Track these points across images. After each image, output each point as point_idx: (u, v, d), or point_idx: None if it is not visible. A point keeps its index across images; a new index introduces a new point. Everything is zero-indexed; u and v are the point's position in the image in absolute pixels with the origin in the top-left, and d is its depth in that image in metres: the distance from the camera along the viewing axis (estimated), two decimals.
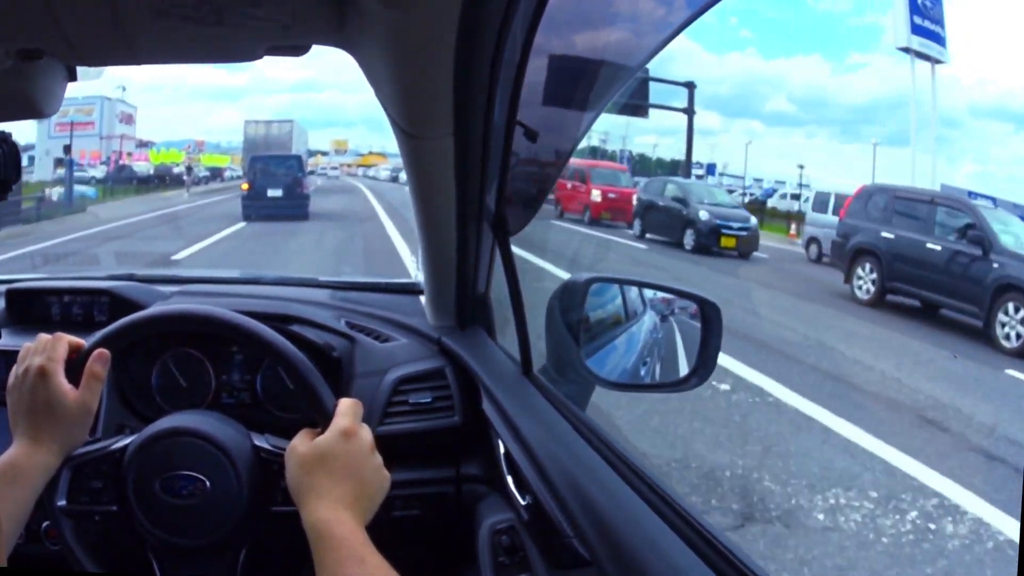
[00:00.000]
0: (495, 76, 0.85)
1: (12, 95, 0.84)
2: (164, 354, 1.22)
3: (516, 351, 1.12)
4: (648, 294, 1.32)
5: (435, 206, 1.08)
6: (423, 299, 1.35)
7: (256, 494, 0.87)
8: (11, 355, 0.88)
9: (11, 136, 0.76)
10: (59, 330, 0.86)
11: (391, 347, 1.26)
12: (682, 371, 1.09)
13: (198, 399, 1.22)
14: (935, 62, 11.52)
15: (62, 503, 0.87)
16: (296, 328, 1.21)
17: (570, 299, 1.08)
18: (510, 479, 1.00)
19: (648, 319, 1.31)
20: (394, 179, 23.44)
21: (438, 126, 0.90)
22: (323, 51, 0.86)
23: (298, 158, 14.86)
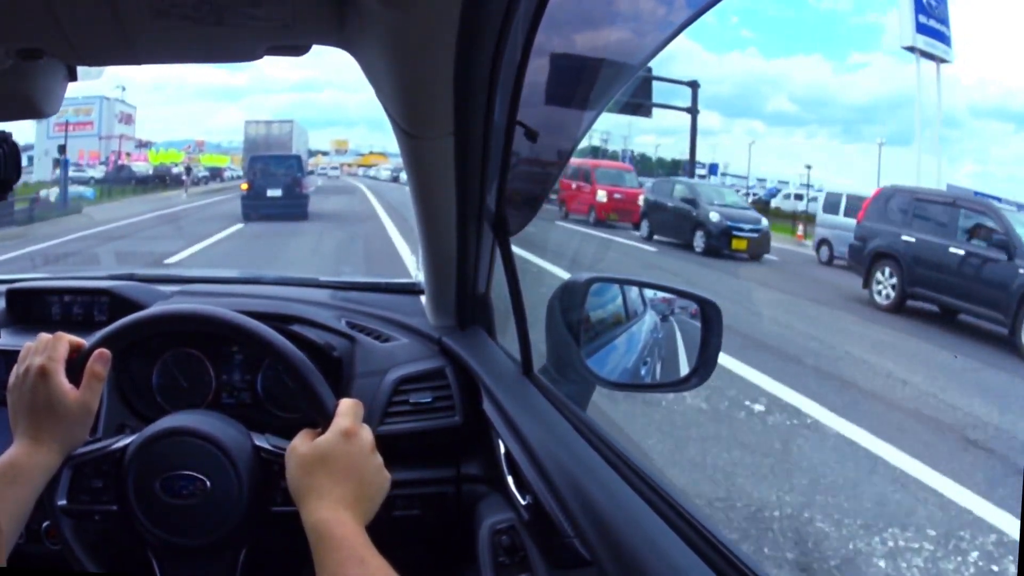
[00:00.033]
0: (495, 76, 0.85)
1: (12, 95, 0.84)
2: (164, 354, 1.22)
3: (516, 351, 1.12)
4: (648, 294, 1.32)
5: (435, 206, 1.08)
6: (423, 299, 1.35)
7: (256, 494, 0.87)
8: (11, 355, 0.88)
9: (11, 136, 0.76)
10: (59, 330, 0.86)
11: (391, 347, 1.26)
12: (683, 371, 1.10)
13: (198, 399, 1.22)
14: (940, 61, 11.42)
15: (62, 502, 0.87)
16: (296, 328, 1.21)
17: (570, 299, 1.08)
18: (510, 479, 1.00)
19: (648, 319, 1.31)
20: (395, 179, 23.44)
21: (438, 126, 0.90)
22: (323, 51, 0.86)
23: (297, 158, 14.88)
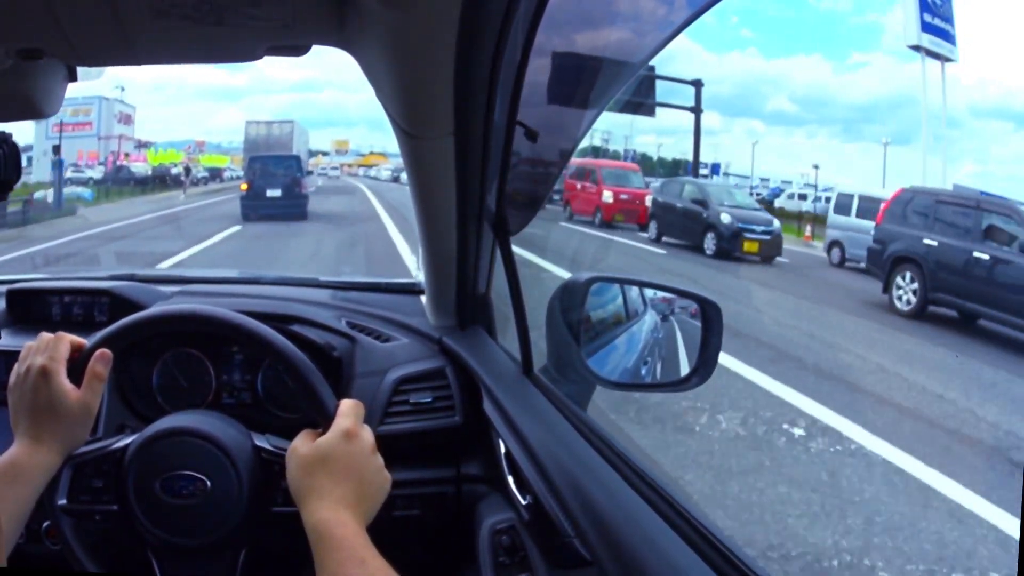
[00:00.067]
0: (495, 76, 0.85)
1: (12, 95, 0.84)
2: (165, 354, 1.22)
3: (517, 351, 1.12)
4: (648, 293, 1.32)
5: (435, 206, 1.08)
6: (424, 299, 1.35)
7: (257, 494, 0.87)
8: (12, 355, 0.88)
9: (11, 136, 0.76)
10: (60, 330, 0.86)
11: (392, 347, 1.26)
12: (683, 371, 1.09)
13: (199, 399, 1.22)
14: (945, 60, 11.28)
15: (63, 502, 0.87)
16: (297, 328, 1.21)
17: (571, 299, 1.08)
18: (511, 479, 1.00)
19: (649, 319, 1.31)
20: (395, 179, 23.44)
21: (438, 126, 0.90)
22: (323, 51, 0.86)
23: (297, 158, 14.89)
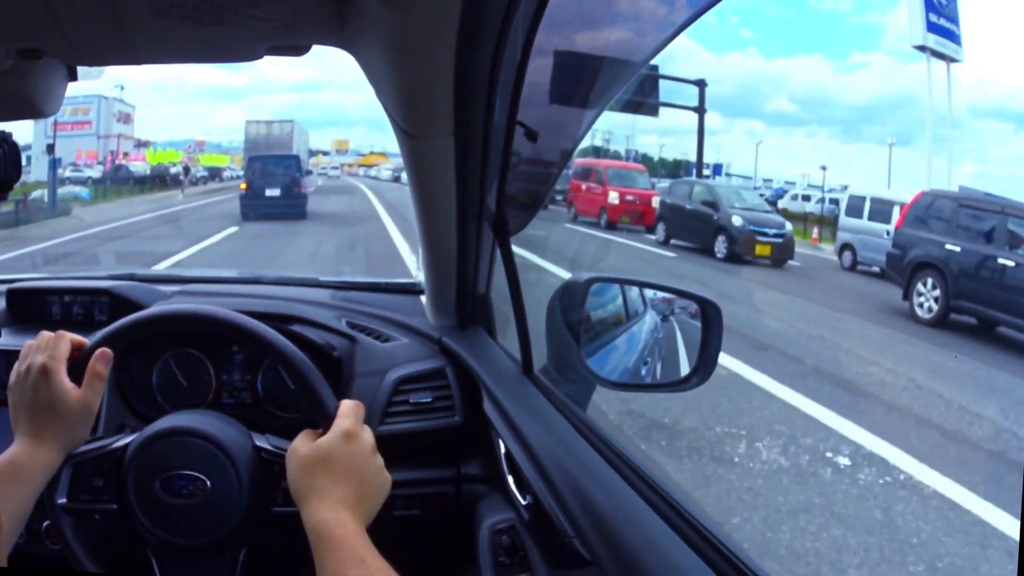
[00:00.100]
0: (495, 76, 0.85)
1: (12, 95, 0.84)
2: (165, 354, 1.22)
3: (517, 351, 1.12)
4: (648, 294, 1.32)
5: (435, 206, 1.08)
6: (424, 299, 1.35)
7: (257, 495, 0.87)
8: (12, 355, 0.88)
9: (11, 136, 0.76)
10: (60, 329, 0.86)
11: (392, 347, 1.26)
12: (683, 371, 1.09)
13: (198, 399, 1.22)
14: (950, 61, 11.16)
15: (62, 501, 0.87)
16: (297, 328, 1.21)
17: (570, 299, 1.08)
18: (510, 479, 1.00)
19: (649, 319, 1.31)
20: (396, 179, 23.44)
21: (438, 126, 0.90)
22: (324, 51, 0.86)
23: (296, 158, 14.90)
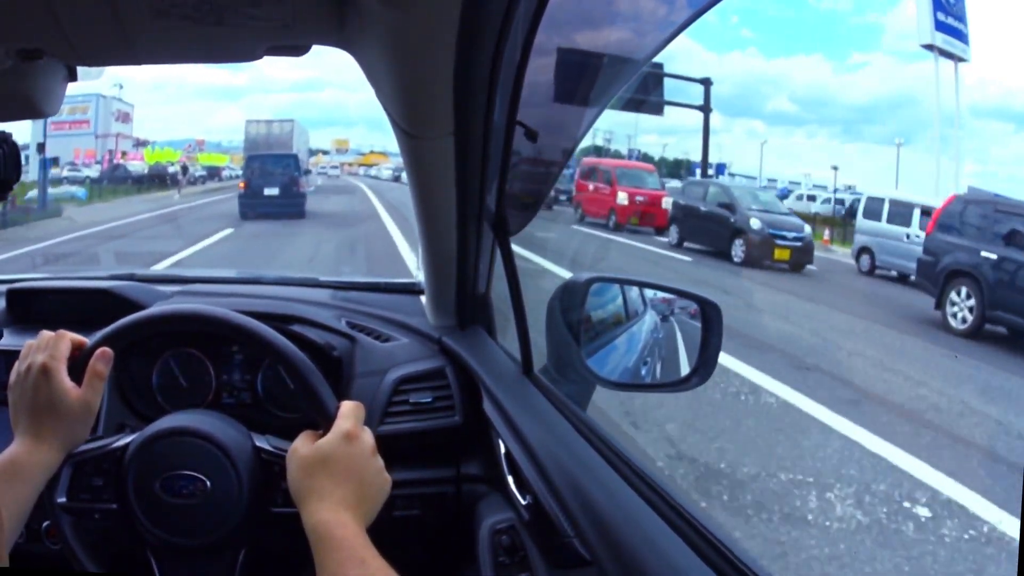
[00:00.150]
0: (495, 76, 0.85)
1: (12, 95, 0.84)
2: (165, 354, 1.22)
3: (517, 351, 1.12)
4: (648, 294, 1.32)
5: (435, 206, 1.08)
6: (423, 299, 1.35)
7: (257, 495, 0.87)
8: (12, 355, 0.88)
9: (11, 136, 0.76)
10: (60, 329, 0.86)
11: (391, 347, 1.26)
12: (683, 371, 1.09)
13: (198, 399, 1.22)
14: (958, 60, 10.98)
15: (62, 500, 0.87)
16: (297, 328, 1.21)
17: (570, 299, 1.08)
18: (510, 479, 1.00)
19: (649, 319, 1.30)
20: (396, 178, 23.43)
21: (438, 126, 0.90)
22: (323, 50, 0.86)
23: (295, 157, 14.90)
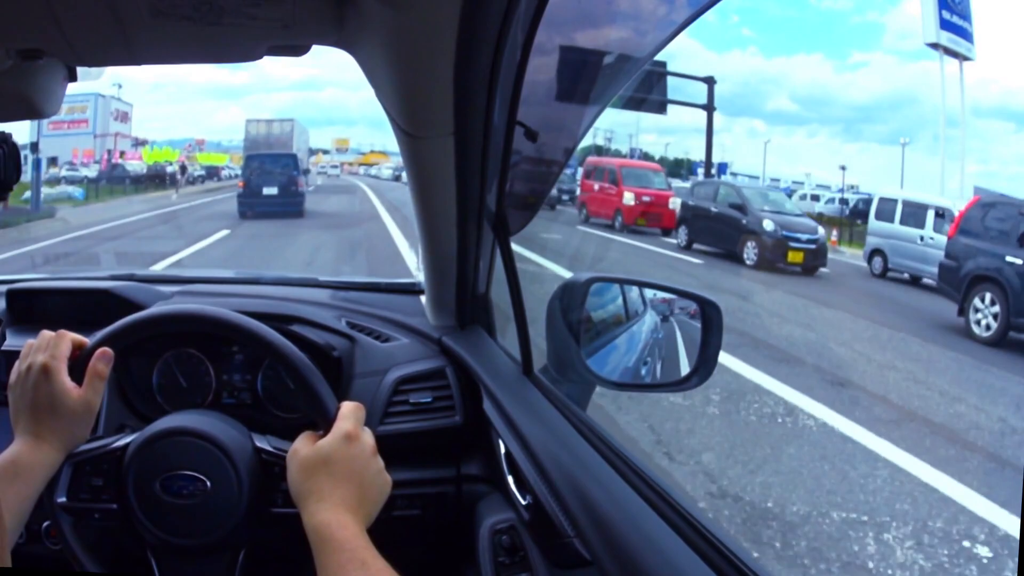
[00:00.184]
0: (495, 76, 0.85)
1: (12, 95, 0.84)
2: (165, 354, 1.22)
3: (516, 351, 1.12)
4: (648, 294, 1.32)
5: (435, 206, 1.08)
6: (423, 299, 1.35)
7: (256, 495, 0.87)
8: (13, 355, 0.88)
9: (11, 136, 0.76)
10: (60, 329, 0.86)
11: (391, 347, 1.26)
12: (683, 371, 1.09)
13: (198, 399, 1.22)
14: (963, 59, 10.96)
15: (62, 500, 0.87)
16: (297, 328, 1.21)
17: (570, 299, 1.08)
18: (511, 479, 1.00)
19: (649, 319, 1.30)
20: (396, 178, 23.41)
21: (438, 126, 0.90)
22: (324, 50, 0.86)
23: (293, 156, 14.92)
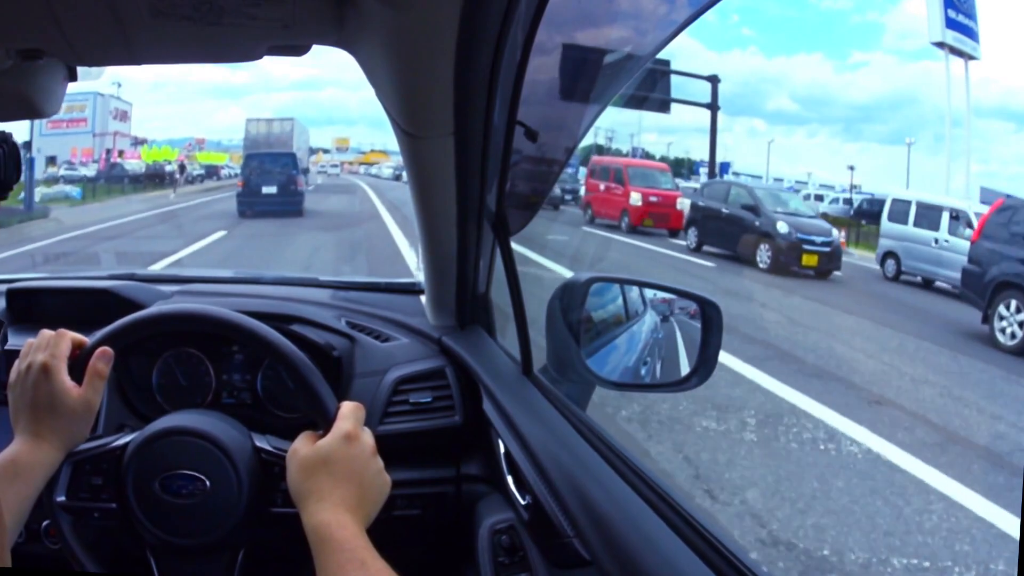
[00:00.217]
0: (495, 76, 0.85)
1: (12, 95, 0.84)
2: (165, 353, 1.22)
3: (516, 351, 1.12)
4: (648, 294, 1.32)
5: (435, 206, 1.08)
6: (423, 299, 1.35)
7: (256, 495, 0.87)
8: (13, 354, 0.88)
9: (11, 136, 0.76)
10: (60, 329, 0.86)
11: (391, 347, 1.26)
12: (683, 371, 1.09)
13: (198, 399, 1.22)
14: (968, 58, 10.86)
15: (61, 499, 0.87)
16: (297, 328, 1.21)
17: (570, 299, 1.08)
18: (510, 479, 1.00)
19: (649, 319, 1.30)
20: (397, 177, 23.38)
21: (438, 126, 0.90)
22: (324, 49, 0.86)
23: (293, 156, 14.92)
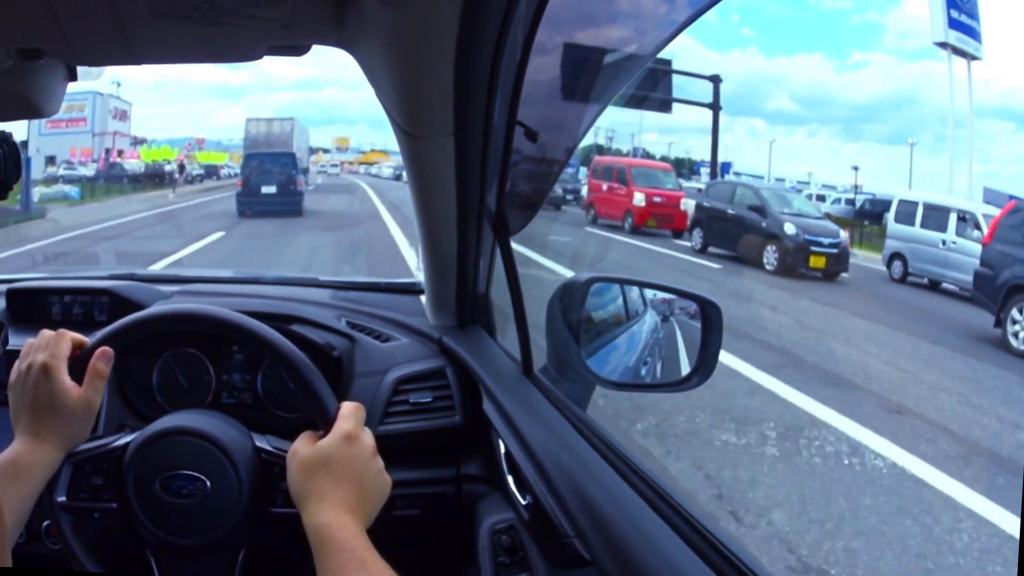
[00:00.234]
0: (495, 76, 0.85)
1: (12, 95, 0.84)
2: (165, 353, 1.22)
3: (516, 351, 1.12)
4: (649, 294, 1.32)
5: (435, 206, 1.08)
6: (423, 299, 1.35)
7: (256, 495, 0.87)
8: (13, 354, 0.88)
9: (11, 136, 0.76)
10: (60, 329, 0.86)
11: (391, 347, 1.26)
12: (683, 371, 1.09)
13: (198, 399, 1.22)
14: (971, 58, 10.71)
15: (62, 499, 0.87)
16: (297, 328, 1.21)
17: (570, 299, 1.08)
18: (510, 479, 1.00)
19: (649, 319, 1.30)
20: (397, 177, 23.37)
21: (438, 126, 0.90)
22: (324, 49, 0.86)
23: (292, 155, 14.91)
